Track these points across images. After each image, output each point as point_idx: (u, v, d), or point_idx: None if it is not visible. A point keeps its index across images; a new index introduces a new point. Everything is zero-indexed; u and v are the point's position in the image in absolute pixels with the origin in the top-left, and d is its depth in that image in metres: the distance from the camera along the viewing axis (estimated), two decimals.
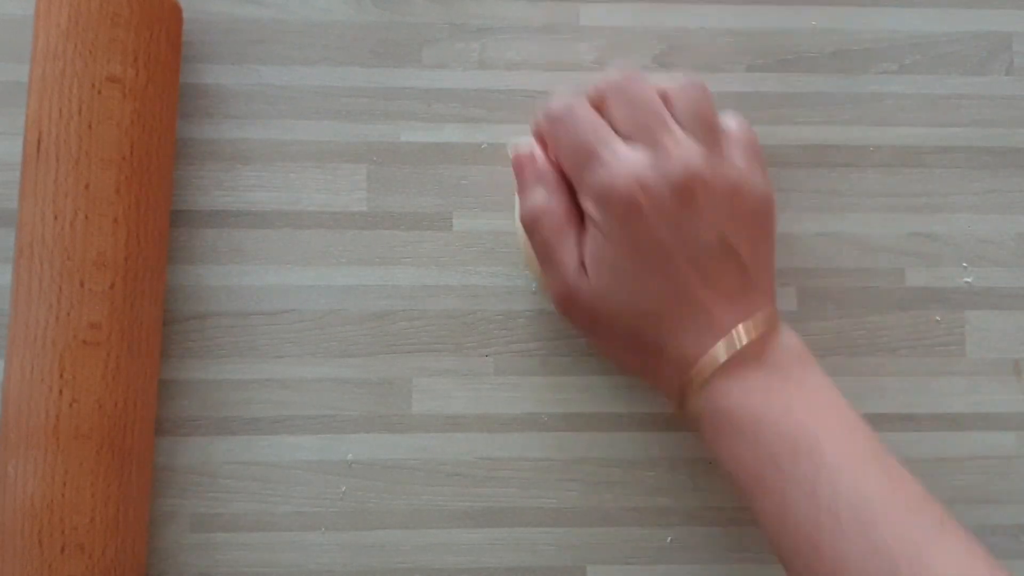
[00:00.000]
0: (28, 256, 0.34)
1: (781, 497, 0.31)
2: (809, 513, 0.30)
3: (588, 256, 0.33)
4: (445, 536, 0.37)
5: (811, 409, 0.32)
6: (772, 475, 0.31)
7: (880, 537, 0.29)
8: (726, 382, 0.32)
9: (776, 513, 0.31)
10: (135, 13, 0.35)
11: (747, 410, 0.32)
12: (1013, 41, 0.41)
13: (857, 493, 0.30)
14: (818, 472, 0.30)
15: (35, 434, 0.33)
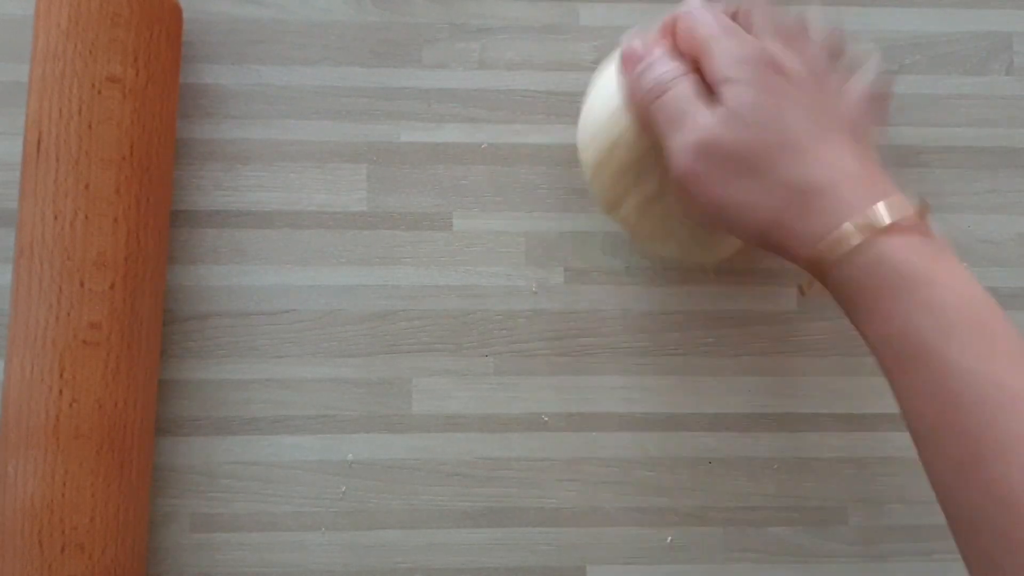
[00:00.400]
0: (28, 256, 0.34)
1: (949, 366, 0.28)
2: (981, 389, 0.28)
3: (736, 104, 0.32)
4: (445, 536, 0.37)
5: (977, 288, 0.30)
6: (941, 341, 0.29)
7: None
8: (896, 238, 0.30)
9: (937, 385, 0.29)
10: (135, 13, 0.35)
11: (919, 269, 0.29)
12: (1013, 41, 0.41)
13: None
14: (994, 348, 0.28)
15: (35, 434, 0.33)
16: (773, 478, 0.38)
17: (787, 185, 0.31)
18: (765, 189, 0.31)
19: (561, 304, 0.39)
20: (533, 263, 0.39)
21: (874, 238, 0.30)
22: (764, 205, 0.32)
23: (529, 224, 0.39)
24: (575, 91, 0.39)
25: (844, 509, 0.38)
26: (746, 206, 0.32)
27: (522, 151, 0.39)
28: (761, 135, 0.31)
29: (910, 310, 0.29)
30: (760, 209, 0.32)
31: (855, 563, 0.38)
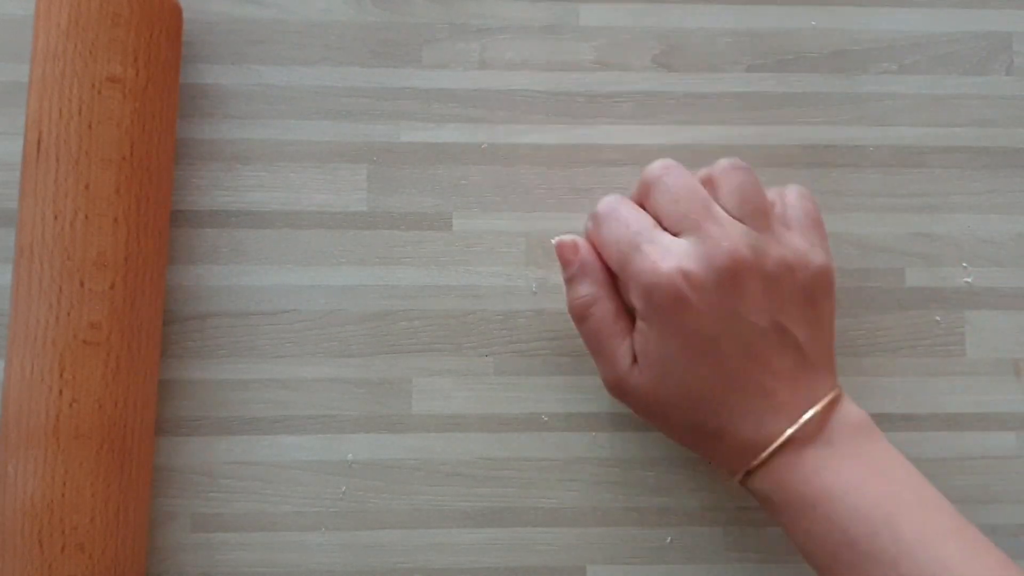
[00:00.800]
0: (28, 256, 0.34)
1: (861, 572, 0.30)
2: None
3: (638, 350, 0.33)
4: (445, 536, 0.37)
5: (884, 484, 0.32)
6: (848, 553, 0.31)
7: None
8: (792, 459, 0.32)
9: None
10: (135, 13, 0.35)
11: (817, 487, 0.31)
12: (1013, 41, 0.41)
13: (939, 566, 0.29)
14: (898, 548, 0.30)
15: (35, 434, 0.33)
16: None
17: (694, 430, 0.34)
18: (676, 430, 0.35)
19: (561, 304, 0.39)
20: (533, 263, 0.39)
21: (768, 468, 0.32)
22: (679, 440, 0.35)
23: (529, 224, 0.39)
24: (575, 91, 0.39)
25: None
26: (668, 435, 0.36)
27: (522, 151, 0.39)
28: (663, 389, 0.33)
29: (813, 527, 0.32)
30: (678, 441, 0.35)
31: None
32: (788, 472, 0.32)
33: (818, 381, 0.33)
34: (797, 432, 0.32)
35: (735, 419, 0.33)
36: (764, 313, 0.32)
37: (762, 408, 0.32)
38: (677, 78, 0.40)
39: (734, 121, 0.40)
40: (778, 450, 0.32)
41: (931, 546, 0.30)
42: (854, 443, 0.32)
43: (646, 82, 0.40)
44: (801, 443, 0.32)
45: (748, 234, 0.32)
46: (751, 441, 0.32)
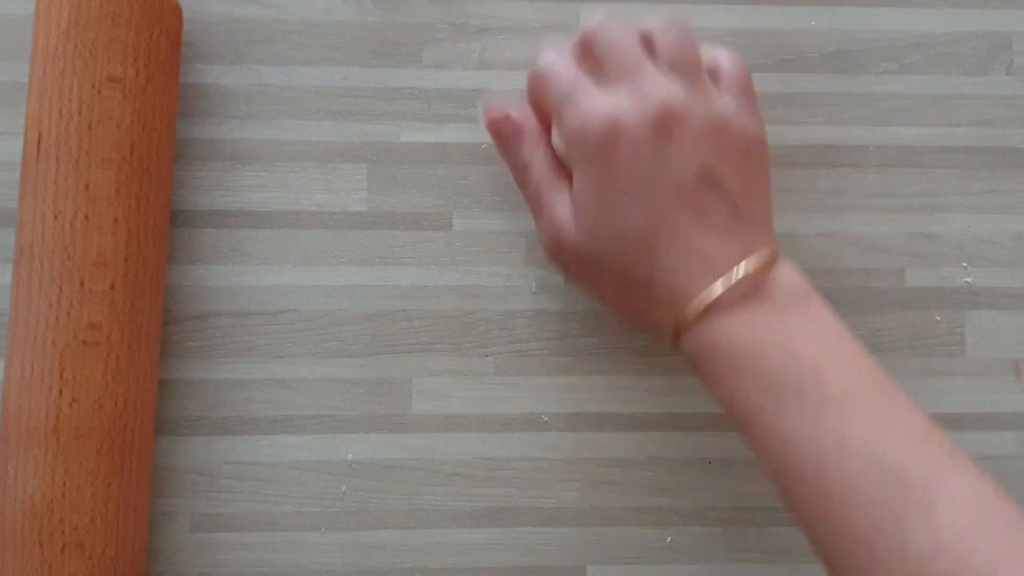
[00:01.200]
0: (28, 256, 0.34)
1: (783, 428, 0.30)
2: (813, 442, 0.29)
3: (573, 201, 0.33)
4: (445, 536, 0.37)
5: (812, 340, 0.31)
6: (773, 407, 0.30)
7: (890, 463, 0.28)
8: (722, 317, 0.32)
9: (778, 445, 0.30)
10: (135, 13, 0.35)
11: (745, 343, 0.31)
12: (1013, 41, 0.41)
13: (864, 421, 0.29)
14: (823, 401, 0.30)
15: (35, 434, 0.33)
16: None
17: (627, 280, 0.33)
18: (609, 285, 0.34)
19: (561, 304, 0.39)
20: (533, 263, 0.39)
21: (700, 322, 0.32)
22: (613, 298, 0.35)
23: (529, 224, 0.39)
24: None
25: None
26: (601, 298, 0.36)
27: None
28: (597, 236, 0.33)
29: (739, 382, 0.31)
30: (611, 302, 0.35)
31: None
32: (718, 330, 0.32)
33: (753, 239, 0.33)
34: (728, 289, 0.31)
35: (665, 268, 0.32)
36: (694, 161, 0.32)
37: (693, 259, 0.32)
38: None
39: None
40: (708, 308, 0.32)
41: (856, 400, 0.30)
42: (787, 303, 0.32)
43: None
44: (732, 301, 0.32)
45: (681, 87, 0.32)
46: (681, 294, 0.32)
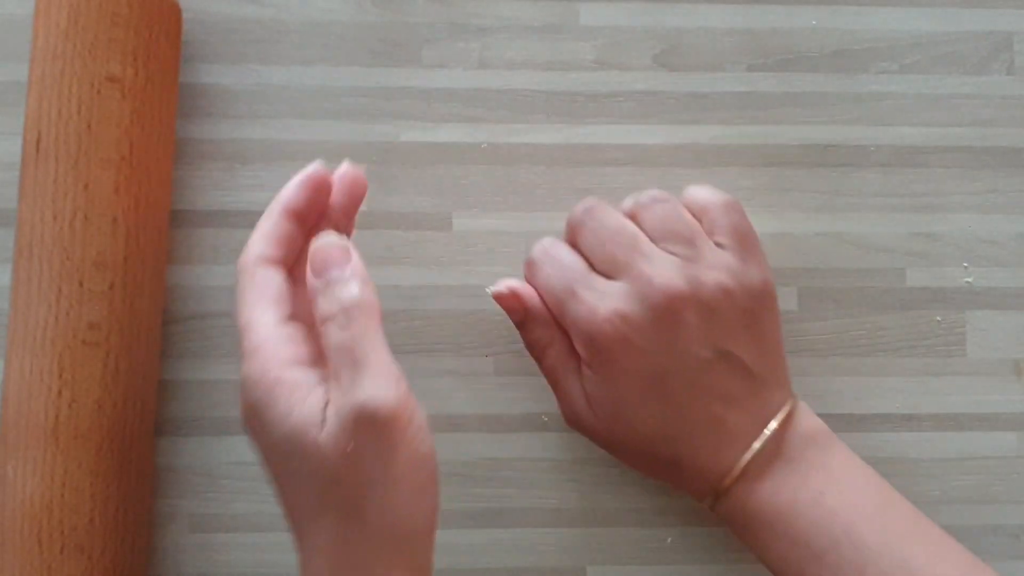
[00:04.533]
0: (27, 256, 0.34)
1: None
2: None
3: (588, 393, 0.33)
4: (445, 536, 0.37)
5: (841, 490, 0.32)
6: (814, 567, 0.31)
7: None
8: (752, 483, 0.32)
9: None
10: (135, 13, 0.35)
11: (777, 507, 0.32)
12: (1013, 41, 0.41)
13: (904, 567, 0.30)
14: (862, 555, 0.30)
15: (35, 434, 0.33)
16: None
17: (652, 462, 0.34)
18: (636, 463, 0.35)
19: None
20: None
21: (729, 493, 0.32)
22: (642, 471, 0.36)
23: (529, 224, 0.39)
24: (575, 91, 0.39)
25: None
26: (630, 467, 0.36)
27: (522, 151, 0.39)
28: (616, 428, 0.33)
29: (777, 545, 0.32)
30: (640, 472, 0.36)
31: None
32: (749, 496, 0.32)
33: (770, 399, 0.33)
34: (753, 458, 0.32)
35: (691, 450, 0.33)
36: (706, 343, 0.32)
37: (716, 436, 0.32)
38: (677, 78, 0.40)
39: (734, 121, 0.40)
40: (737, 478, 0.32)
41: (895, 549, 0.30)
42: (811, 456, 0.32)
43: (646, 82, 0.40)
44: (759, 465, 0.32)
45: (680, 266, 0.32)
46: (710, 469, 0.33)
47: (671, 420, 0.32)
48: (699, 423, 0.32)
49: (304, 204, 0.31)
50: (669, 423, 0.32)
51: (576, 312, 0.32)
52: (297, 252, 0.31)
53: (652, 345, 0.31)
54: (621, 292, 0.32)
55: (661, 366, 0.32)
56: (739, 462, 0.32)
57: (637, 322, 0.31)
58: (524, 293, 0.34)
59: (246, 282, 0.29)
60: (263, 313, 0.29)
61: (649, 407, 0.32)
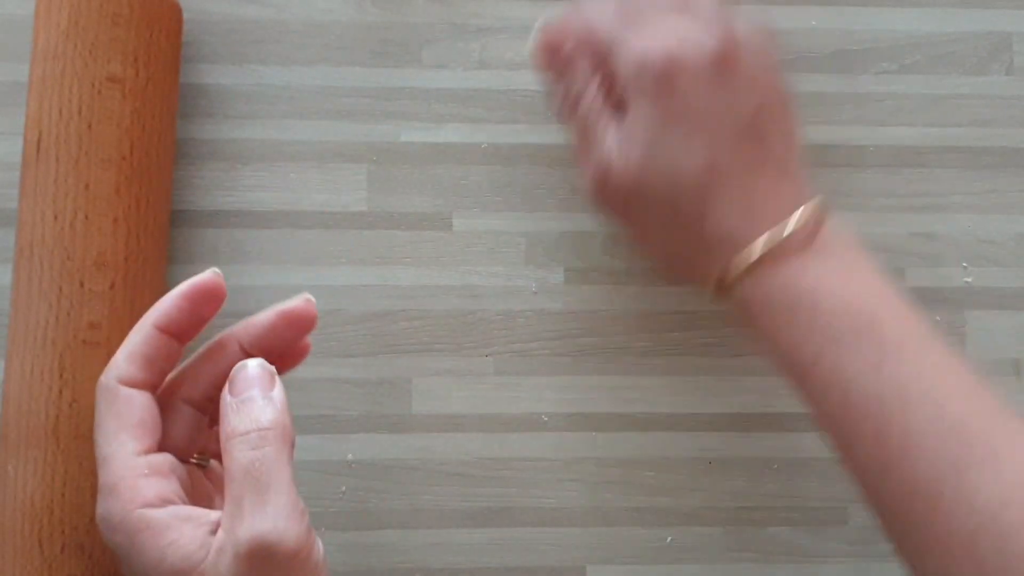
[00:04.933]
0: (28, 256, 0.34)
1: (842, 376, 0.29)
2: (874, 389, 0.29)
3: (626, 135, 0.31)
4: (445, 536, 0.37)
5: (867, 289, 0.31)
6: (832, 353, 0.30)
7: (950, 413, 0.28)
8: (776, 266, 0.31)
9: (836, 395, 0.30)
10: (135, 13, 0.35)
11: (801, 291, 0.30)
12: (1013, 41, 0.41)
13: (922, 370, 0.29)
14: (882, 349, 0.29)
15: (35, 434, 0.33)
16: (773, 478, 0.38)
17: (676, 225, 0.32)
18: (658, 229, 0.33)
19: (561, 304, 0.39)
20: (533, 263, 0.39)
21: (752, 271, 0.31)
22: (659, 244, 0.34)
23: (529, 224, 0.39)
24: None
25: (844, 509, 0.38)
26: (645, 243, 0.34)
27: (522, 151, 0.39)
28: (650, 178, 0.31)
29: (793, 330, 0.30)
30: (656, 247, 0.34)
31: (855, 563, 0.38)
32: (772, 279, 0.31)
33: (803, 187, 0.32)
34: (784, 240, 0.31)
35: (719, 211, 0.31)
36: (754, 99, 0.31)
37: (748, 204, 0.31)
38: None
39: None
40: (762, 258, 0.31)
41: (913, 350, 0.29)
42: (841, 253, 0.31)
43: None
44: (786, 250, 0.31)
45: (739, 22, 0.31)
46: (734, 239, 0.31)
47: (709, 167, 0.31)
48: (734, 182, 0.31)
49: (183, 319, 0.29)
50: (707, 170, 0.31)
51: (631, 43, 0.31)
52: (171, 368, 0.29)
53: (703, 87, 0.30)
54: (680, 27, 0.31)
55: (709, 109, 0.31)
56: (768, 237, 0.31)
57: (691, 60, 0.30)
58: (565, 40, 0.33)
59: (106, 407, 0.28)
60: (122, 445, 0.27)
61: (689, 146, 0.31)
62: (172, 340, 0.28)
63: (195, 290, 0.29)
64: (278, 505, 0.25)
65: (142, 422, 0.27)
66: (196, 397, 0.29)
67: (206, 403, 0.29)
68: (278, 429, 0.27)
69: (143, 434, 0.27)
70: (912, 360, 0.29)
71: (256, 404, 0.27)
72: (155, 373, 0.28)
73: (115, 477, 0.26)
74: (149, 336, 0.28)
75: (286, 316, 0.29)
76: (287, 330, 0.29)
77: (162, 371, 0.29)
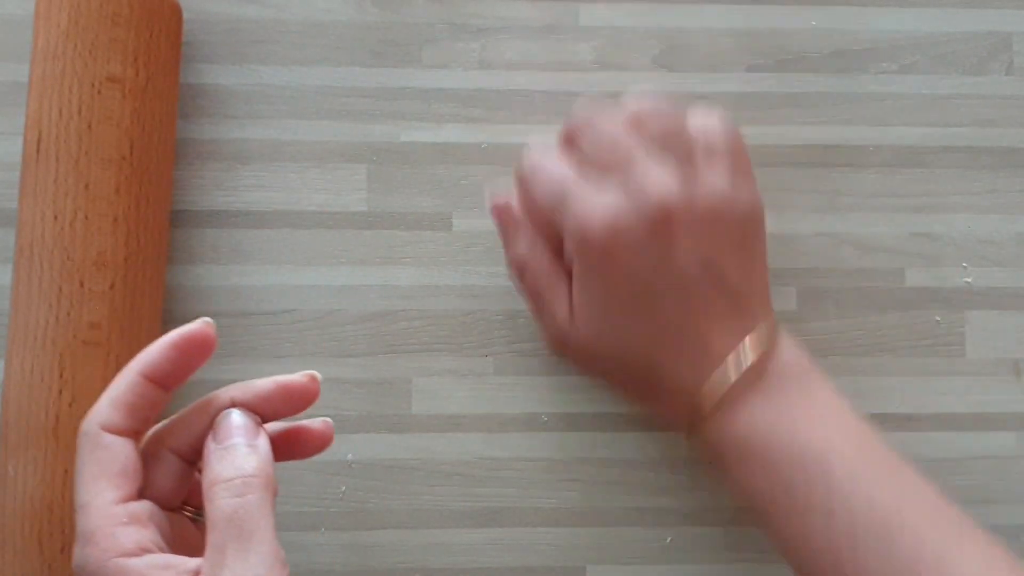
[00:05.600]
0: (28, 256, 0.34)
1: (799, 521, 0.31)
2: (827, 535, 0.30)
3: (576, 304, 0.33)
4: (445, 536, 0.37)
5: (818, 426, 0.32)
6: (786, 501, 0.31)
7: (899, 550, 0.29)
8: (729, 411, 0.32)
9: (795, 537, 0.31)
10: (135, 13, 0.35)
11: (754, 437, 0.32)
12: (1013, 41, 0.41)
13: (872, 509, 0.30)
14: (831, 493, 0.30)
15: (35, 434, 0.33)
16: None
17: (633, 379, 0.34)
18: (618, 381, 0.35)
19: None
20: None
21: (707, 421, 0.32)
22: (623, 391, 0.35)
23: None
24: (575, 91, 0.39)
25: None
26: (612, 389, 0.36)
27: (522, 151, 0.39)
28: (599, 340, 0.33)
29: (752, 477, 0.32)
30: (619, 389, 0.36)
31: None
32: (725, 424, 0.32)
33: (752, 321, 0.33)
34: (732, 384, 0.32)
35: (673, 366, 0.32)
36: (695, 256, 0.32)
37: (699, 354, 0.32)
38: (677, 78, 0.40)
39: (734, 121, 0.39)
40: (721, 401, 0.32)
41: (864, 483, 0.30)
42: (790, 389, 0.32)
43: (646, 82, 0.40)
44: (737, 392, 0.32)
45: (676, 178, 0.31)
46: (689, 390, 0.32)
47: (656, 332, 0.32)
48: (683, 338, 0.32)
49: (169, 367, 0.28)
50: (654, 335, 0.32)
51: (568, 220, 0.32)
52: (155, 415, 0.28)
53: (642, 256, 0.31)
54: (614, 200, 0.31)
55: (649, 276, 0.32)
56: (719, 384, 0.32)
57: (628, 231, 0.31)
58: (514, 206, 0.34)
59: (87, 453, 0.27)
60: (100, 492, 0.26)
61: (635, 316, 0.32)
62: (158, 388, 0.28)
63: (184, 340, 0.28)
64: (260, 554, 0.25)
65: (123, 470, 0.27)
66: (183, 448, 0.28)
67: (193, 454, 0.29)
68: (262, 477, 0.26)
69: (123, 482, 0.27)
70: (861, 500, 0.30)
71: (240, 452, 0.27)
72: (139, 420, 0.28)
73: (92, 525, 0.26)
74: (134, 383, 0.27)
75: (285, 389, 0.29)
76: (283, 403, 0.29)
77: (146, 419, 0.28)
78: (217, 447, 0.27)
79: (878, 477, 0.31)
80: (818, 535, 0.30)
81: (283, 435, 0.30)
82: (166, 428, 0.29)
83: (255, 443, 0.27)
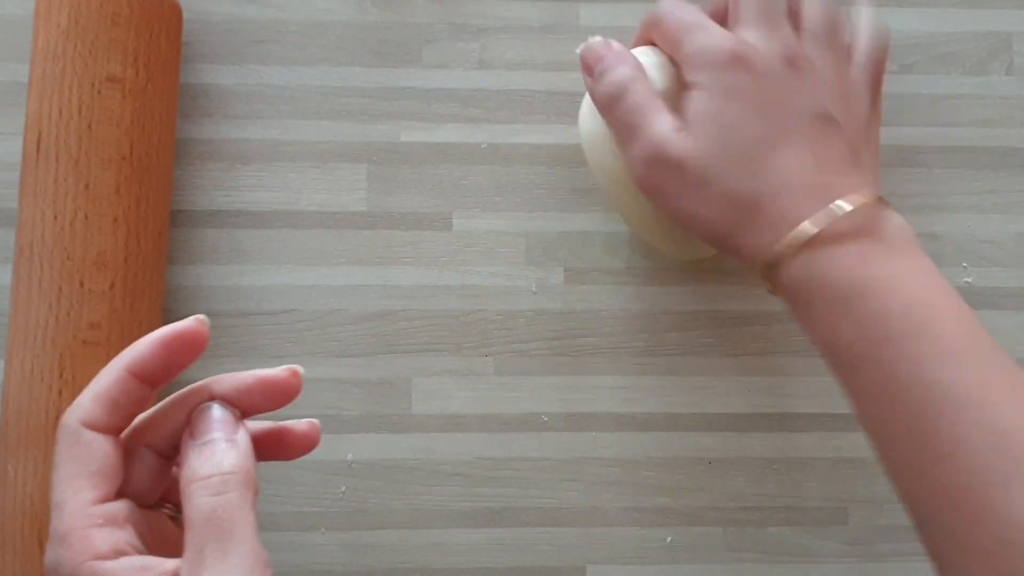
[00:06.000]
0: (28, 256, 0.34)
1: (889, 375, 0.29)
2: (920, 394, 0.28)
3: (692, 114, 0.32)
4: (445, 536, 0.37)
5: (922, 287, 0.30)
6: (879, 352, 0.29)
7: (996, 423, 0.27)
8: (828, 249, 0.30)
9: (881, 393, 0.29)
10: (135, 13, 0.35)
11: (853, 280, 0.30)
12: (1013, 41, 0.41)
13: (976, 377, 0.28)
14: (933, 352, 0.28)
15: (35, 434, 0.33)
16: (773, 478, 0.38)
17: (732, 198, 0.31)
18: (712, 202, 0.32)
19: (561, 304, 0.39)
20: (533, 263, 0.39)
21: (806, 251, 0.30)
22: (712, 218, 0.32)
23: (529, 224, 0.39)
24: (575, 91, 0.39)
25: (844, 509, 0.38)
26: (697, 218, 0.33)
27: (522, 151, 0.39)
28: (710, 148, 0.31)
29: (845, 323, 0.30)
30: (709, 221, 0.32)
31: (855, 563, 0.38)
32: (823, 263, 0.30)
33: (866, 181, 0.32)
34: (838, 220, 0.30)
35: (776, 187, 0.31)
36: (820, 98, 0.32)
37: (806, 183, 0.31)
38: None
39: None
40: (814, 239, 0.30)
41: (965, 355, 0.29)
42: (899, 246, 0.31)
43: None
44: (841, 234, 0.30)
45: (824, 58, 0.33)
46: (788, 217, 0.30)
47: (772, 142, 0.31)
48: (795, 161, 0.31)
49: (157, 365, 0.26)
50: (769, 145, 0.31)
51: (703, 39, 0.32)
52: (138, 413, 0.27)
53: (771, 76, 0.32)
54: (752, 35, 0.32)
55: (775, 95, 0.32)
56: (822, 215, 0.30)
57: (762, 57, 0.32)
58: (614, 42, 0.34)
59: (65, 448, 0.26)
60: (77, 492, 0.25)
61: (756, 120, 0.31)
62: (144, 385, 0.27)
63: (174, 338, 0.26)
64: (241, 555, 0.24)
65: (101, 469, 0.26)
66: (160, 443, 0.27)
67: (171, 450, 0.28)
68: (241, 474, 0.25)
69: (100, 482, 0.26)
70: (965, 367, 0.28)
71: (219, 448, 0.26)
72: (122, 417, 0.27)
73: (66, 526, 0.25)
74: (120, 380, 0.26)
75: (265, 383, 0.27)
76: (263, 398, 0.27)
77: (129, 415, 0.27)
78: (195, 443, 0.26)
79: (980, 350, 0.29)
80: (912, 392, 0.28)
81: (267, 435, 0.29)
82: (143, 423, 0.28)
83: (234, 438, 0.26)
